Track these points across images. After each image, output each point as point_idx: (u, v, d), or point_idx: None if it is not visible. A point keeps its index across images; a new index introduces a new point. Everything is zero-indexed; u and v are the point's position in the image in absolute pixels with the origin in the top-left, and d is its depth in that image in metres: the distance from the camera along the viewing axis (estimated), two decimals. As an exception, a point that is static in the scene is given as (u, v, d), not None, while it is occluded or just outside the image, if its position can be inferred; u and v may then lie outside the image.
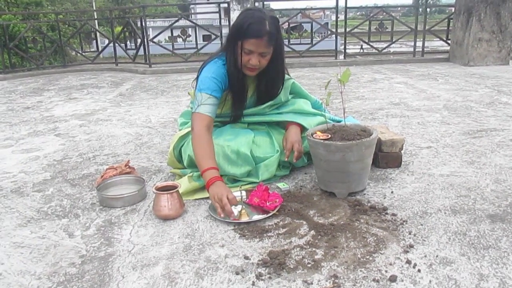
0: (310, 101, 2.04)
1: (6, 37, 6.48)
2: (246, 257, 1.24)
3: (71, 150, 2.46)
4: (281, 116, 1.92)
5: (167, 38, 10.80)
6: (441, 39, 6.64)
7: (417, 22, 6.34)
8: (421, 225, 1.40)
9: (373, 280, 1.11)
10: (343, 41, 6.90)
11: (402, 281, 1.11)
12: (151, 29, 12.23)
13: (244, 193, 1.65)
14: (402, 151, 1.94)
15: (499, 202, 1.55)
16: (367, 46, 7.14)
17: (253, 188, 1.63)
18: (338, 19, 6.61)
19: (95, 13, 11.52)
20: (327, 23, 16.55)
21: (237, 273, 1.17)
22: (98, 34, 7.80)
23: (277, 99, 1.91)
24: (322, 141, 1.58)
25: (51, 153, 2.42)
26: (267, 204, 1.51)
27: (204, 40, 8.36)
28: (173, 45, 6.81)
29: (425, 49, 6.51)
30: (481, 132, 2.47)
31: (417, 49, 6.45)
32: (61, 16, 8.92)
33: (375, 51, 6.77)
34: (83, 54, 7.42)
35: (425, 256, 1.21)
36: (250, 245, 1.32)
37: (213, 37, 6.63)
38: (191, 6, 35.94)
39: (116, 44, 6.95)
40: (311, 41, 6.74)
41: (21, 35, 6.68)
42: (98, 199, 1.71)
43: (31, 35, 6.89)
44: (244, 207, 1.53)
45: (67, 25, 8.68)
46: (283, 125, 1.93)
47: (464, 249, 1.24)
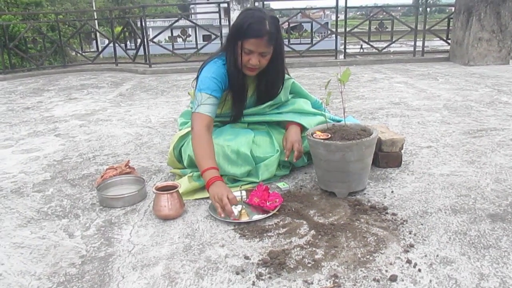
0: (310, 100, 2.04)
1: (6, 37, 6.49)
2: (246, 257, 1.24)
3: (71, 150, 2.46)
4: (281, 116, 1.92)
5: (167, 38, 10.81)
6: (441, 38, 6.64)
7: (417, 21, 6.34)
8: (422, 224, 1.40)
9: (374, 279, 1.11)
10: (343, 41, 6.90)
11: (403, 280, 1.11)
12: (151, 29, 12.22)
13: (244, 193, 1.65)
14: (402, 151, 1.94)
15: (500, 202, 1.55)
16: (367, 46, 7.13)
17: (253, 188, 1.63)
18: (338, 18, 6.62)
19: (95, 13, 11.54)
20: (327, 23, 16.54)
21: (237, 273, 1.17)
22: (98, 34, 7.80)
23: (277, 99, 1.91)
24: (322, 140, 1.58)
25: (51, 153, 2.42)
26: (267, 204, 1.51)
27: (204, 40, 8.36)
28: (173, 45, 6.81)
29: (425, 48, 6.51)
30: (481, 132, 2.47)
31: (417, 49, 6.45)
32: (61, 16, 8.93)
33: (375, 50, 6.77)
34: (83, 54, 7.42)
35: (426, 256, 1.21)
36: (250, 245, 1.32)
37: (213, 37, 6.64)
38: (191, 6, 35.91)
39: (116, 44, 6.95)
40: (311, 41, 6.74)
41: (21, 36, 6.68)
42: (98, 199, 1.71)
43: (31, 35, 6.89)
44: (244, 207, 1.53)
45: (67, 25, 8.69)
46: (283, 125, 1.93)
47: (465, 249, 1.24)
